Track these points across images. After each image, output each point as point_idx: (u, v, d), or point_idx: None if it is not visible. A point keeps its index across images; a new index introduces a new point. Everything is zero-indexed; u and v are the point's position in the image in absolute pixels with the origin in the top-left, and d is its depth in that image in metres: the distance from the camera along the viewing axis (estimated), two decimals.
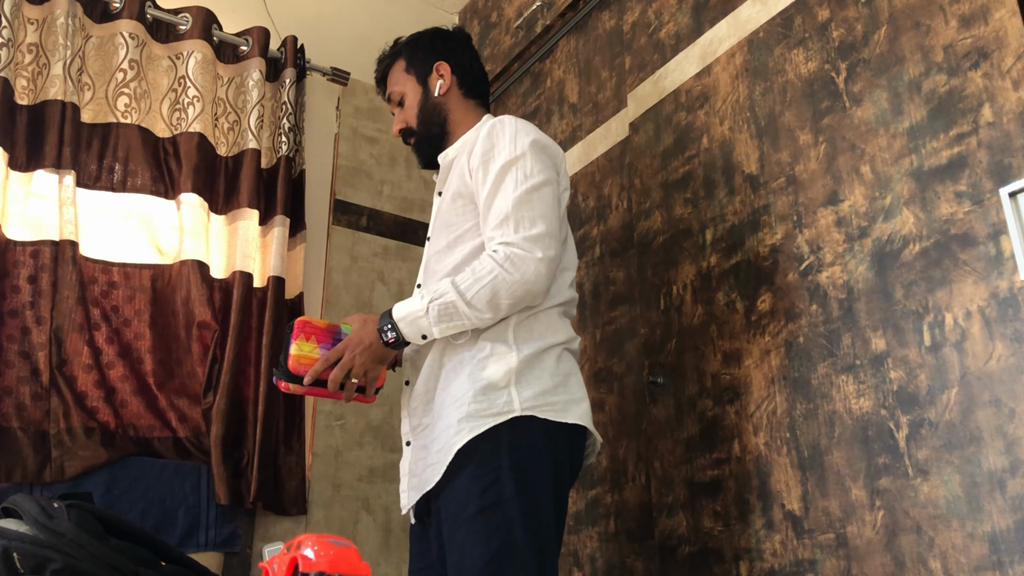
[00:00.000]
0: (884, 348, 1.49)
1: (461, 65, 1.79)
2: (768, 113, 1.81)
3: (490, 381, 1.49)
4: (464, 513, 1.44)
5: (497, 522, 1.42)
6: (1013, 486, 1.27)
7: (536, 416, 1.48)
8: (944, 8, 1.50)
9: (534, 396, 1.48)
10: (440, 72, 1.77)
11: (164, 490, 2.20)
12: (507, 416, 1.46)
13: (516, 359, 1.50)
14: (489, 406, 1.47)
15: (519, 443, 1.46)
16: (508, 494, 1.43)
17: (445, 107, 1.76)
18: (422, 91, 1.77)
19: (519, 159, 1.56)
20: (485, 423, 1.46)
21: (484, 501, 1.43)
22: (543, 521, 1.46)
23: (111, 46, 2.43)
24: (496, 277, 1.46)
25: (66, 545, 1.40)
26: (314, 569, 1.26)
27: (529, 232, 1.49)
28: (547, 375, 1.51)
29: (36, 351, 2.13)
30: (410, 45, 1.83)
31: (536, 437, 1.48)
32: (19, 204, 2.20)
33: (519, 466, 1.44)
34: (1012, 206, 1.33)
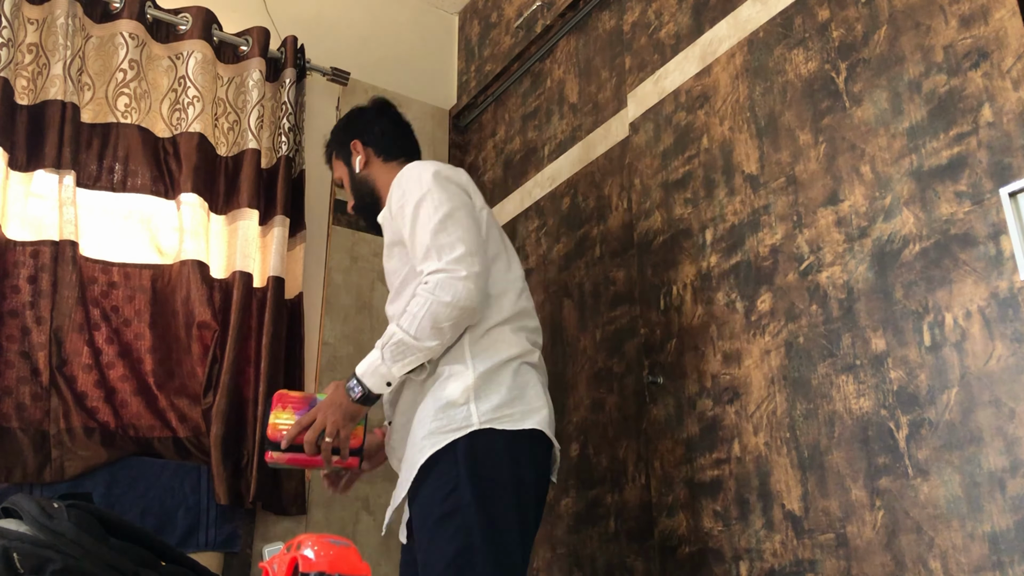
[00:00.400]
0: (884, 348, 1.49)
1: (372, 136, 1.95)
2: (768, 113, 1.81)
3: (449, 399, 1.58)
4: (428, 520, 1.53)
5: (455, 527, 1.50)
6: (1013, 486, 1.27)
7: (494, 428, 1.56)
8: (944, 8, 1.50)
9: (491, 409, 1.57)
10: (356, 150, 1.94)
11: (164, 490, 2.20)
12: (466, 431, 1.54)
13: (472, 376, 1.59)
14: (449, 422, 1.56)
15: (477, 454, 1.54)
16: (466, 500, 1.50)
17: (370, 178, 1.93)
18: (348, 171, 1.96)
19: (426, 195, 1.67)
20: (445, 438, 1.55)
21: (444, 508, 1.51)
22: (502, 526, 1.52)
23: (111, 46, 2.43)
24: (431, 306, 1.56)
25: (66, 545, 1.40)
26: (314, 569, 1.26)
27: (451, 255, 1.60)
28: (504, 388, 1.60)
29: (36, 351, 2.12)
30: (333, 135, 2.02)
31: (495, 448, 1.56)
32: (19, 204, 2.20)
33: (477, 474, 1.52)
34: (1012, 206, 1.33)
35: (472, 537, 1.48)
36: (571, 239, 2.40)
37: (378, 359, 1.59)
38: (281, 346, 2.42)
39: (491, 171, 2.89)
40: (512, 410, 1.59)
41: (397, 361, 1.58)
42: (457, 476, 1.52)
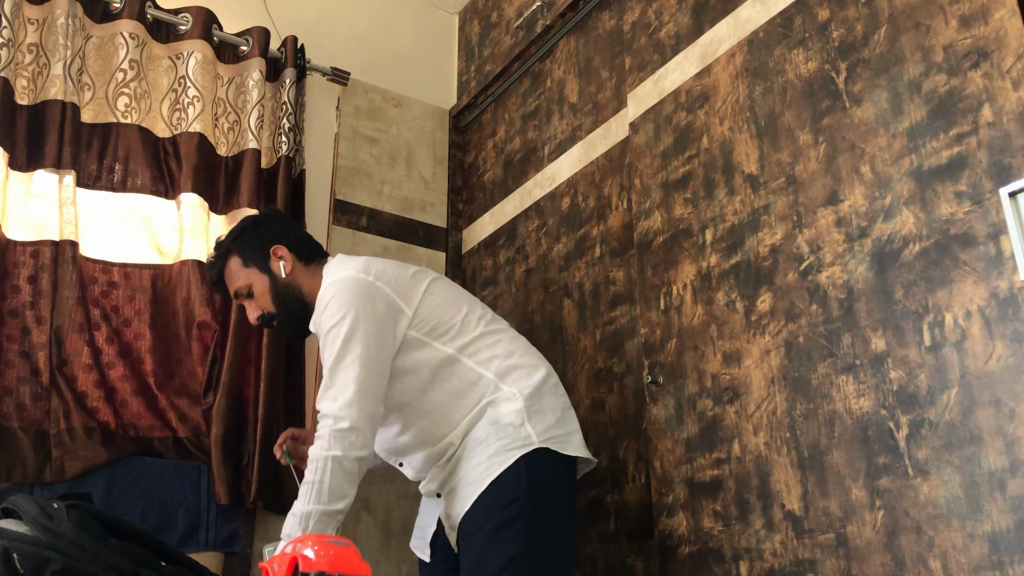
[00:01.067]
0: (884, 348, 1.49)
1: (292, 241, 1.94)
2: (768, 113, 1.81)
3: (507, 421, 1.72)
4: (485, 526, 1.65)
5: (514, 533, 1.62)
6: (1013, 486, 1.27)
7: (549, 448, 1.71)
8: (944, 8, 1.50)
9: (545, 430, 1.72)
10: (279, 255, 1.91)
11: (164, 490, 2.19)
12: (528, 448, 1.69)
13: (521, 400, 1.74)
14: (511, 441, 1.70)
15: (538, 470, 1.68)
16: (527, 510, 1.64)
17: (295, 283, 1.90)
18: (268, 278, 1.90)
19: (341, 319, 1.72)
20: (512, 455, 1.68)
21: (505, 515, 1.64)
22: (557, 538, 1.67)
23: (111, 46, 2.43)
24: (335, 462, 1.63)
25: (66, 546, 1.41)
26: (314, 569, 1.26)
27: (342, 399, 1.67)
28: (549, 411, 1.76)
29: (36, 351, 2.12)
30: (238, 241, 1.94)
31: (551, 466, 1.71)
32: (19, 204, 2.20)
33: (538, 488, 1.67)
34: (1012, 206, 1.33)
35: (531, 544, 1.61)
36: (571, 239, 2.40)
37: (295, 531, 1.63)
38: (281, 346, 2.42)
39: (491, 171, 2.89)
40: (558, 431, 1.74)
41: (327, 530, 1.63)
42: (519, 488, 1.65)
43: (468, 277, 2.88)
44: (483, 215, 2.86)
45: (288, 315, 1.91)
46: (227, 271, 1.94)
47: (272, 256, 1.91)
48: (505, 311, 2.61)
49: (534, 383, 1.77)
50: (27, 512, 1.44)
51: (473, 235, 2.90)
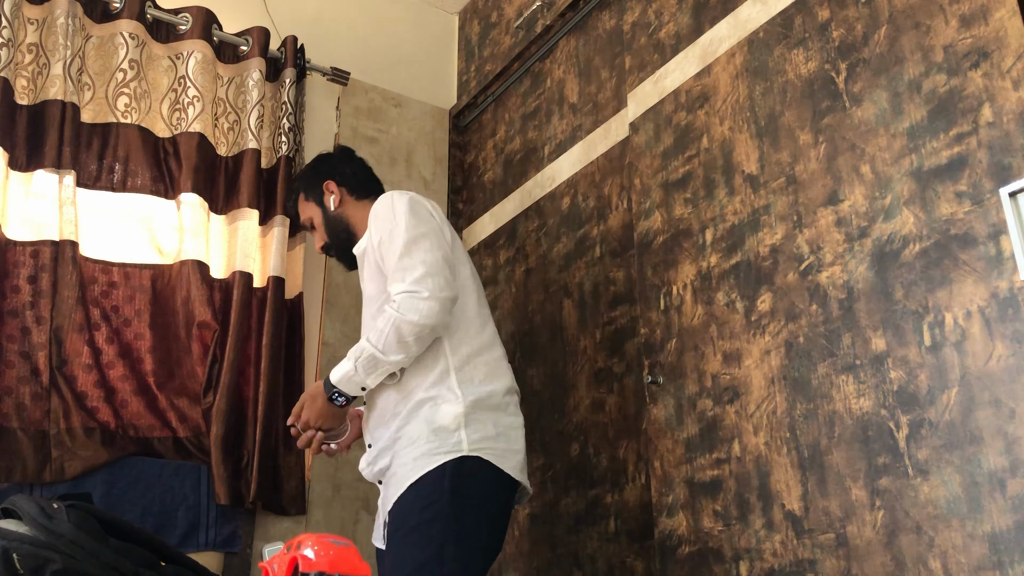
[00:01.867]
0: (884, 348, 1.48)
1: (344, 176, 2.04)
2: (768, 113, 1.81)
3: (441, 424, 1.69)
4: (404, 526, 1.64)
5: (429, 536, 1.61)
6: (1013, 486, 1.27)
7: (481, 457, 1.68)
8: (944, 8, 1.50)
9: (480, 439, 1.70)
10: (329, 190, 2.02)
11: (164, 490, 2.20)
12: (455, 454, 1.67)
13: (462, 405, 1.71)
14: (440, 445, 1.68)
15: (462, 475, 1.66)
16: (444, 513, 1.62)
17: (344, 215, 2.01)
18: (321, 211, 2.03)
19: (397, 225, 1.78)
20: (436, 459, 1.66)
21: (422, 517, 1.63)
22: (472, 543, 1.64)
23: (111, 46, 2.43)
24: (395, 322, 1.68)
25: (65, 546, 1.41)
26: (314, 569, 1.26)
27: (413, 276, 1.72)
28: (491, 423, 1.73)
29: (36, 351, 2.12)
30: (302, 178, 2.10)
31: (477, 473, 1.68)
32: (19, 204, 2.20)
33: (459, 493, 1.64)
34: (1012, 206, 1.33)
35: (445, 547, 1.59)
36: (571, 239, 2.40)
37: (351, 370, 1.72)
38: (281, 346, 2.42)
39: (491, 171, 2.89)
40: (497, 445, 1.71)
41: (370, 373, 1.72)
42: (440, 491, 1.63)
43: None
44: (483, 215, 2.86)
45: (339, 244, 2.01)
46: (299, 206, 2.08)
47: (325, 191, 2.02)
48: (505, 311, 2.61)
49: (487, 392, 1.74)
50: (27, 512, 1.44)
51: (473, 235, 2.90)
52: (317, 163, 2.09)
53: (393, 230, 1.78)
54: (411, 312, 1.68)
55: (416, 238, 1.76)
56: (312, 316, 2.61)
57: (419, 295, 1.69)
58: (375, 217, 1.85)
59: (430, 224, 1.81)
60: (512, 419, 1.78)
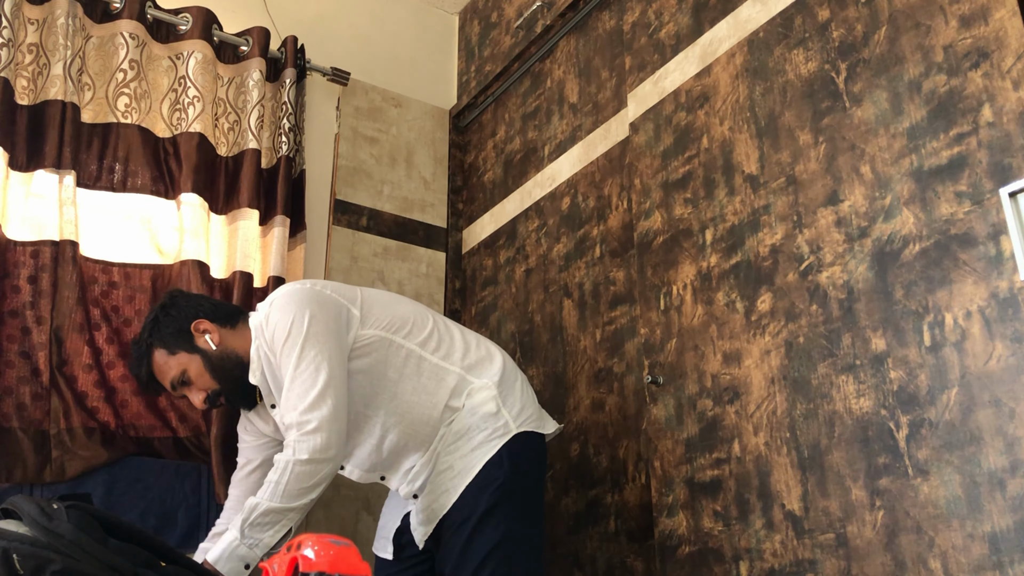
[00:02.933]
0: (884, 348, 1.48)
1: (208, 311, 1.84)
2: (768, 113, 1.81)
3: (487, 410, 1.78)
4: (473, 515, 1.70)
5: (499, 518, 1.69)
6: (1013, 486, 1.27)
7: (526, 431, 1.80)
8: (944, 8, 1.50)
9: (519, 413, 1.81)
10: (202, 328, 1.81)
11: (164, 490, 2.20)
12: (509, 435, 1.77)
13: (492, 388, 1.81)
14: (492, 432, 1.76)
15: (516, 453, 1.76)
16: (509, 495, 1.71)
17: (228, 349, 1.80)
18: (199, 356, 1.79)
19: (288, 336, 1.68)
20: (494, 445, 1.75)
21: (491, 502, 1.70)
22: (537, 518, 1.78)
23: (111, 46, 2.43)
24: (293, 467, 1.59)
25: (65, 546, 1.40)
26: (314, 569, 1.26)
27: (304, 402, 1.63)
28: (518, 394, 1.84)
29: (36, 351, 2.12)
30: (156, 333, 1.81)
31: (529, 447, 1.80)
32: (19, 204, 2.20)
33: (519, 473, 1.74)
34: (1012, 206, 1.33)
35: (513, 527, 1.69)
36: (571, 239, 2.40)
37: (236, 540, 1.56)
38: None
39: (491, 171, 2.89)
40: (530, 412, 1.83)
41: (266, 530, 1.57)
42: (503, 474, 1.72)
43: (468, 277, 2.88)
44: (483, 215, 2.86)
45: (233, 385, 1.81)
46: (155, 368, 1.81)
47: (195, 333, 1.81)
48: (505, 311, 2.61)
49: (497, 370, 1.85)
50: (26, 513, 1.44)
51: (473, 235, 2.90)
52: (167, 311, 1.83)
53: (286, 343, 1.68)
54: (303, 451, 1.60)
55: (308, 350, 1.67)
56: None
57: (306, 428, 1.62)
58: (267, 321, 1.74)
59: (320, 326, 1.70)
60: (521, 378, 1.89)
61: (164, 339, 1.80)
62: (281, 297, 1.77)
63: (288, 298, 1.75)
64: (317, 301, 1.74)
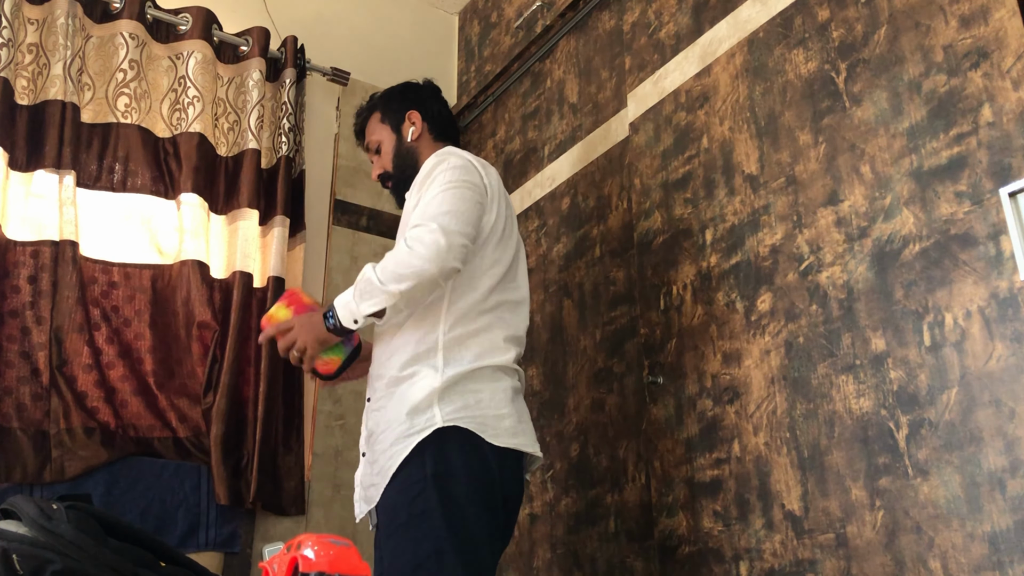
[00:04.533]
0: (884, 348, 1.48)
1: (430, 112, 1.94)
2: (768, 113, 1.81)
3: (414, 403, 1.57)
4: (394, 523, 1.53)
5: (424, 531, 1.48)
6: (1013, 486, 1.27)
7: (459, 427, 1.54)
8: (944, 8, 1.50)
9: (455, 410, 1.56)
10: (412, 120, 1.92)
11: (164, 490, 2.20)
12: (429, 430, 1.54)
13: (440, 380, 1.58)
14: (412, 426, 1.55)
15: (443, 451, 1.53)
16: (434, 502, 1.49)
17: (416, 151, 1.89)
18: (396, 138, 1.92)
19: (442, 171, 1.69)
20: (412, 441, 1.54)
21: (412, 510, 1.50)
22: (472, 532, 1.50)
23: (111, 46, 2.43)
24: (398, 252, 1.58)
25: (65, 547, 1.41)
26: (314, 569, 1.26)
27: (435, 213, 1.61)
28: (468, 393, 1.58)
29: (36, 351, 2.13)
30: (384, 98, 1.97)
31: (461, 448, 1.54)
32: (19, 204, 2.21)
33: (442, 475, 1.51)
34: (1012, 206, 1.32)
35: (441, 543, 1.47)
36: (571, 239, 2.40)
37: (350, 295, 1.61)
38: None
39: None
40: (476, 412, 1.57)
41: (364, 300, 1.58)
42: (423, 478, 1.51)
43: None
44: None
45: (400, 177, 1.89)
46: (369, 124, 1.96)
47: (406, 119, 1.92)
48: None
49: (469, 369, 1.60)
50: (26, 513, 1.44)
51: None
52: (405, 90, 1.98)
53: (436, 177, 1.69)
54: (418, 245, 1.56)
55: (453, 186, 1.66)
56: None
57: (428, 229, 1.58)
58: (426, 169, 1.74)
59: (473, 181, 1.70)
60: (494, 384, 1.61)
61: (384, 107, 1.95)
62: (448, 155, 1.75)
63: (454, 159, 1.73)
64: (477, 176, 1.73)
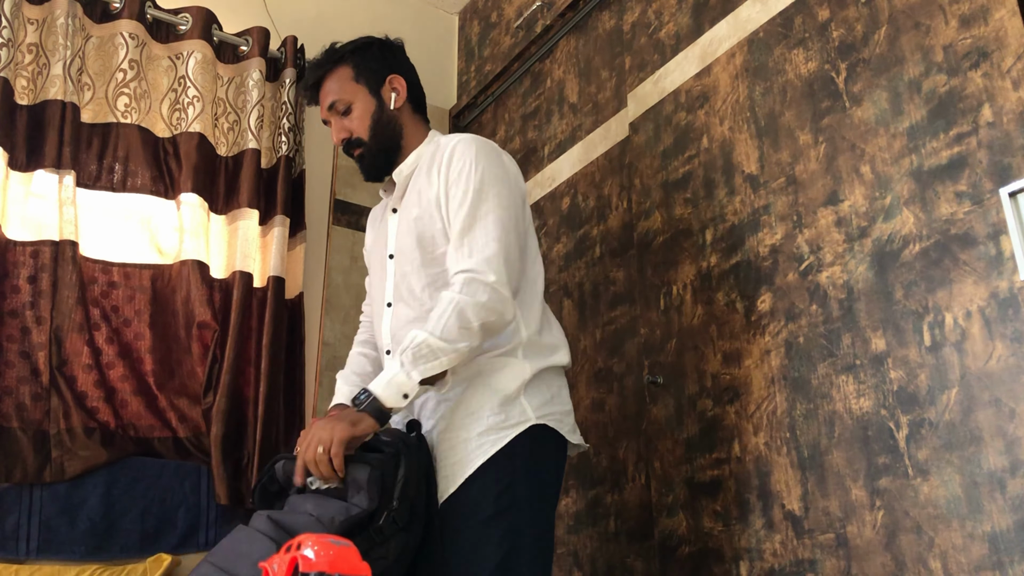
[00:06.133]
0: (884, 348, 1.48)
1: (412, 81, 1.76)
2: (768, 113, 1.81)
3: (506, 392, 1.52)
4: (474, 517, 1.46)
5: (508, 526, 1.45)
6: (1013, 486, 1.27)
7: (547, 425, 1.54)
8: (944, 8, 1.50)
9: (541, 405, 1.54)
10: (394, 85, 1.72)
11: (164, 490, 2.20)
12: (524, 426, 1.51)
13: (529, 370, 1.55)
14: (506, 418, 1.51)
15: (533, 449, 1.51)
16: (522, 498, 1.47)
17: (399, 121, 1.72)
18: (376, 103, 1.71)
19: (484, 186, 1.55)
20: (506, 435, 1.50)
21: (499, 504, 1.45)
22: (549, 530, 1.53)
23: (111, 46, 2.43)
24: (457, 304, 1.45)
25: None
26: (314, 569, 1.26)
27: (483, 255, 1.50)
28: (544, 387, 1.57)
29: (36, 351, 2.12)
30: (358, 53, 1.73)
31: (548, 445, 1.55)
32: (19, 204, 2.20)
33: (534, 471, 1.50)
34: (1012, 206, 1.33)
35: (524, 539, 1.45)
36: (571, 239, 2.40)
37: (396, 367, 1.43)
38: (281, 346, 2.42)
39: None
40: (555, 408, 1.56)
41: (419, 364, 1.42)
42: (513, 471, 1.47)
43: None
44: None
45: (379, 148, 1.70)
46: (330, 79, 1.71)
47: (387, 83, 1.71)
48: None
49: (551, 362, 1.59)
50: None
51: None
52: (384, 48, 1.75)
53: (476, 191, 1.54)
54: (475, 295, 1.46)
55: (495, 207, 1.53)
56: (312, 316, 2.61)
57: (485, 278, 1.47)
58: (461, 156, 1.58)
59: (514, 193, 1.59)
60: (561, 379, 1.62)
61: (360, 63, 1.72)
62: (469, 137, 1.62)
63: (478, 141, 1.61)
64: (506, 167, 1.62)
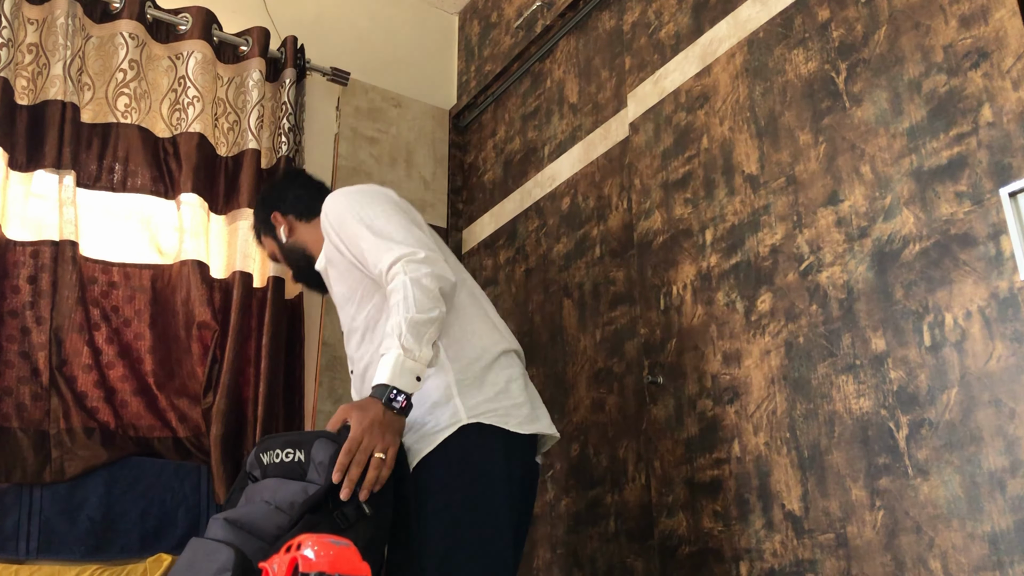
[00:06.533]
0: (884, 348, 1.48)
1: (287, 203, 1.97)
2: (768, 113, 1.81)
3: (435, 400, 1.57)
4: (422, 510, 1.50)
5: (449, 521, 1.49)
6: (1013, 486, 1.27)
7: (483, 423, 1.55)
8: (944, 8, 1.50)
9: (477, 404, 1.57)
10: (276, 221, 1.97)
11: (164, 490, 2.19)
12: (455, 427, 1.54)
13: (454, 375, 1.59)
14: (436, 423, 1.55)
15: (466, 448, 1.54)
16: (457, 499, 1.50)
17: (298, 242, 1.95)
18: (277, 244, 1.99)
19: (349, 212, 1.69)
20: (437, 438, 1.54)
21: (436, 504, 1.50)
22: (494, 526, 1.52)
23: (111, 46, 2.43)
24: (412, 281, 1.52)
25: None
26: (314, 569, 1.26)
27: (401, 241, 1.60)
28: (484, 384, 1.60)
29: (36, 351, 2.12)
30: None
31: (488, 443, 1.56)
32: (19, 204, 2.20)
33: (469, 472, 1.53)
34: (1012, 206, 1.33)
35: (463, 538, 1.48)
36: (571, 239, 2.40)
37: (399, 355, 1.46)
38: (281, 346, 2.42)
39: (491, 171, 2.89)
40: (496, 405, 1.58)
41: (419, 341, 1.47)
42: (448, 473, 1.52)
43: None
44: (483, 215, 2.86)
45: (298, 269, 1.98)
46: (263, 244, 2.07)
47: (274, 223, 1.97)
48: (505, 311, 2.61)
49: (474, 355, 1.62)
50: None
51: (473, 235, 2.90)
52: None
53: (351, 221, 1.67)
54: (421, 268, 1.54)
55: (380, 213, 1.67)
56: (312, 316, 2.61)
57: (416, 255, 1.56)
58: (326, 216, 1.75)
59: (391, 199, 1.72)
60: (505, 371, 1.63)
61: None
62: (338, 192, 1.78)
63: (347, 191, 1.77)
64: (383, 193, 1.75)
